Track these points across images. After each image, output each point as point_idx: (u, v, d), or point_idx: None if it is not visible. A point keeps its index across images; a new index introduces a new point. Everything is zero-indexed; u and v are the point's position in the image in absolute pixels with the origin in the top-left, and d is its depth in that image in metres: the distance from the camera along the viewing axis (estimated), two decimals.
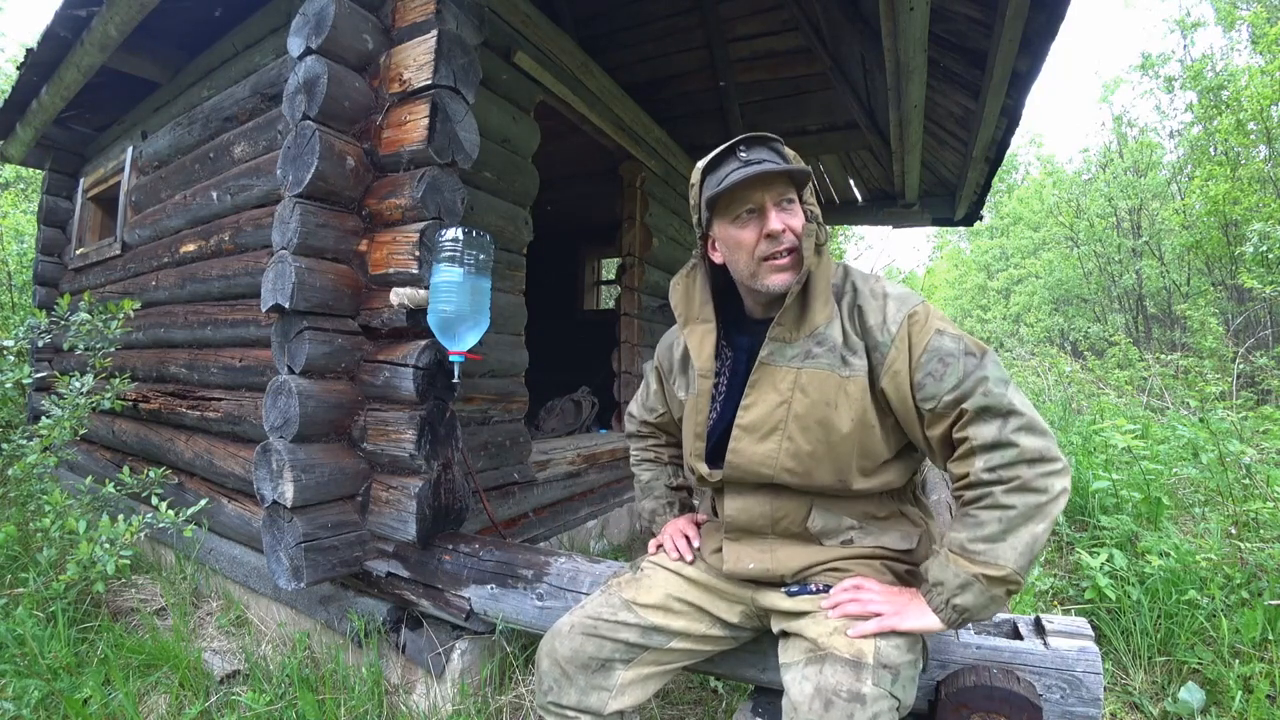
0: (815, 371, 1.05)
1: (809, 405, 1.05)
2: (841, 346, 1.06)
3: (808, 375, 1.05)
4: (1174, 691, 1.84)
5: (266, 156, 2.28)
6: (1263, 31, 9.60)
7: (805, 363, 1.06)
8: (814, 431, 1.04)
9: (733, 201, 1.07)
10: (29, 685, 1.60)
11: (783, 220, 1.05)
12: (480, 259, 1.70)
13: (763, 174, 1.02)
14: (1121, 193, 14.60)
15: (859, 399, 1.03)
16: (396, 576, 1.80)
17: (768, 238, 1.05)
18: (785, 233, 1.04)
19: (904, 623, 0.98)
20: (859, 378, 1.04)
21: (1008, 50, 2.29)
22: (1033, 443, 0.94)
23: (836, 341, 1.06)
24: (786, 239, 1.05)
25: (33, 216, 5.43)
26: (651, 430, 1.49)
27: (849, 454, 1.05)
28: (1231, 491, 2.67)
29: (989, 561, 0.93)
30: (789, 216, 1.06)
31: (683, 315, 1.21)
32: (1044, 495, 0.93)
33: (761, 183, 1.04)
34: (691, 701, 1.88)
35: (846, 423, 1.03)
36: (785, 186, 1.06)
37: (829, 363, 1.05)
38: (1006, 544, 0.93)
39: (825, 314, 1.07)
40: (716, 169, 1.08)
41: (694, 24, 4.02)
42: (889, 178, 4.38)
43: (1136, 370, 7.13)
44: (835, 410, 1.04)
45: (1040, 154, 21.29)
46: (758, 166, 1.02)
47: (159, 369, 2.82)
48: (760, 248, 1.06)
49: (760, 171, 1.01)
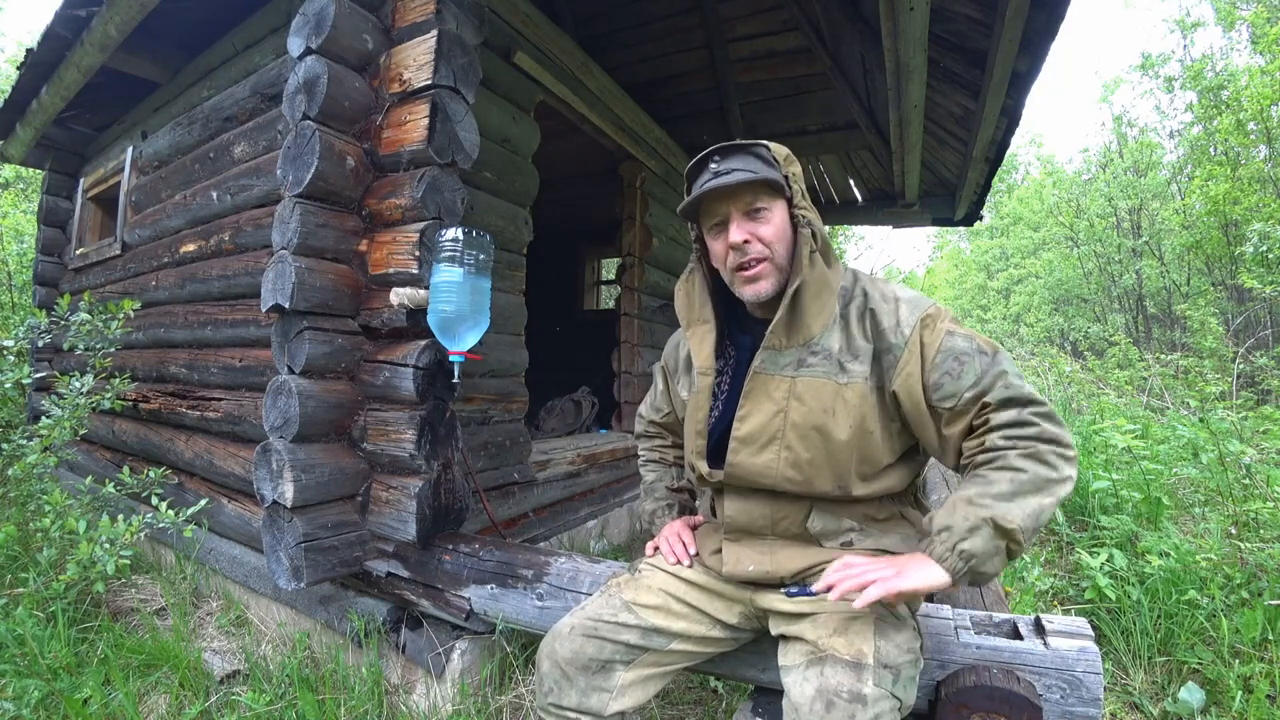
0: (811, 380, 1.05)
1: (806, 413, 1.04)
2: (840, 353, 1.06)
3: (803, 384, 1.05)
4: (1174, 691, 1.84)
5: (266, 156, 2.28)
6: (1263, 31, 9.60)
7: (800, 371, 1.06)
8: (812, 439, 1.04)
9: (704, 214, 1.10)
10: (29, 685, 1.60)
11: (746, 230, 1.05)
12: (480, 259, 1.70)
13: (724, 186, 1.02)
14: (1121, 193, 14.60)
15: (857, 405, 1.03)
16: (396, 576, 1.80)
17: (732, 249, 1.06)
18: (750, 243, 1.05)
19: (906, 581, 0.92)
20: (857, 384, 1.04)
21: (1008, 50, 2.29)
22: (1051, 427, 0.95)
23: (833, 349, 1.06)
24: (752, 249, 1.05)
25: (33, 216, 5.43)
26: (658, 430, 1.51)
27: (848, 461, 1.05)
28: (1231, 491, 2.67)
29: (999, 515, 0.91)
30: (757, 225, 1.06)
31: (685, 319, 1.22)
32: (1055, 472, 0.93)
33: (727, 194, 1.05)
34: (691, 701, 1.88)
35: (845, 430, 1.03)
36: (755, 195, 1.05)
37: (825, 370, 1.05)
38: (1015, 504, 0.92)
39: (821, 321, 1.07)
40: (694, 179, 1.10)
41: (694, 24, 4.02)
42: (889, 178, 4.38)
43: (1136, 370, 7.14)
44: (833, 418, 1.04)
45: (1040, 154, 21.30)
46: (725, 178, 1.03)
47: (159, 369, 2.82)
48: (730, 259, 1.08)
49: (719, 185, 1.02)
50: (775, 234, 1.06)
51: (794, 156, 1.11)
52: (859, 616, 1.01)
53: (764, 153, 1.08)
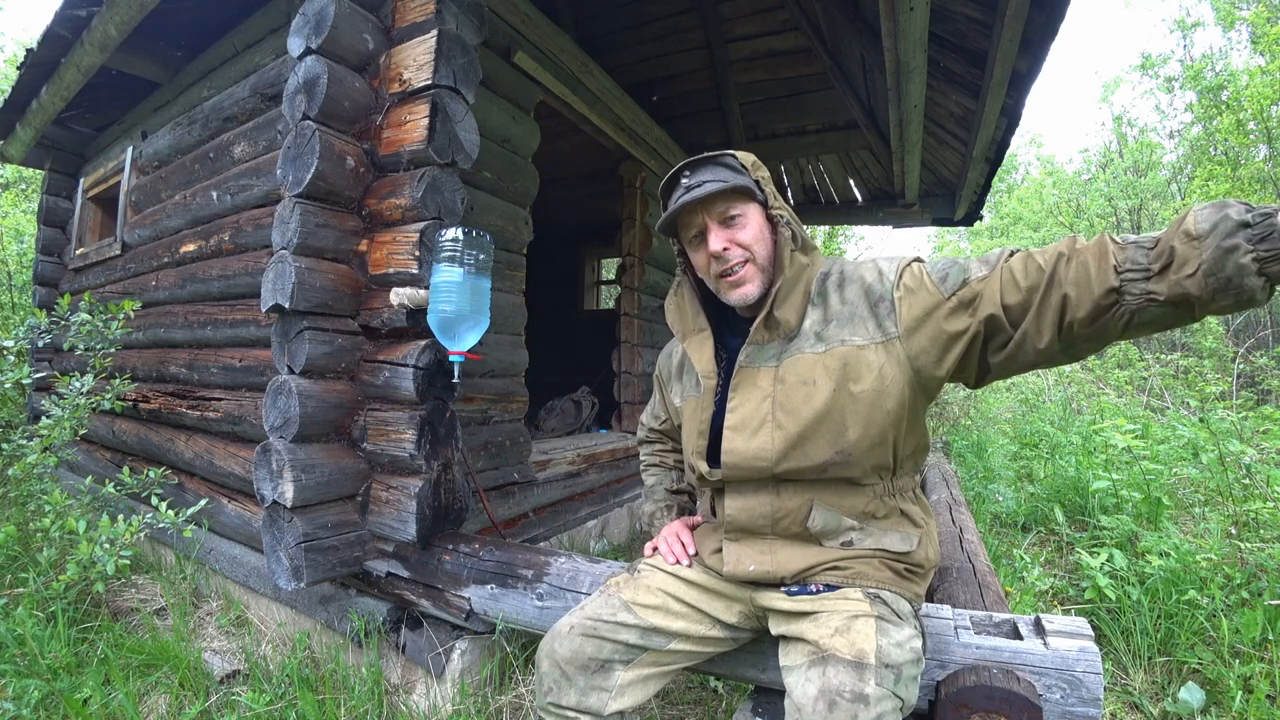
0: (791, 360, 1.10)
1: (788, 390, 1.08)
2: (815, 326, 1.10)
3: (785, 367, 1.10)
4: (1174, 691, 1.84)
5: (266, 156, 2.28)
6: (1263, 31, 9.60)
7: (781, 358, 1.11)
8: (800, 411, 1.07)
9: (681, 227, 1.15)
10: (29, 685, 1.60)
11: (725, 238, 1.09)
12: (480, 259, 1.70)
13: (698, 198, 1.06)
14: (1121, 193, 14.60)
15: (837, 369, 1.06)
16: (396, 576, 1.80)
17: (714, 258, 1.10)
18: (729, 249, 1.09)
19: None
20: (835, 349, 1.07)
21: (1008, 50, 2.29)
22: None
23: (808, 329, 1.11)
24: (733, 254, 1.10)
25: (33, 216, 5.43)
26: (658, 436, 1.56)
27: (840, 423, 1.06)
28: (1231, 491, 2.67)
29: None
30: (734, 231, 1.10)
31: (679, 331, 1.26)
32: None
33: (700, 206, 1.09)
34: (691, 701, 1.88)
35: (825, 392, 1.05)
36: (728, 203, 1.09)
37: (799, 347, 1.10)
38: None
39: (798, 313, 1.12)
40: (669, 195, 1.14)
41: (694, 24, 4.02)
42: (889, 178, 4.38)
43: (1136, 370, 7.13)
44: (813, 386, 1.07)
45: (1040, 154, 21.25)
46: (697, 190, 1.07)
47: (159, 369, 2.82)
48: (712, 267, 1.12)
49: (693, 197, 1.07)
50: (753, 237, 1.10)
51: (760, 162, 1.15)
52: (860, 616, 1.01)
53: (732, 161, 1.12)
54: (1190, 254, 0.81)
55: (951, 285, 1.01)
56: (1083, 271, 0.89)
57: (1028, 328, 0.94)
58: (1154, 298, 0.84)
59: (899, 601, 1.07)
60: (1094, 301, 0.87)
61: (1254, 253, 0.77)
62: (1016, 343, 0.96)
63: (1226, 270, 0.78)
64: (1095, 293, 0.87)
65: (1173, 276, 0.82)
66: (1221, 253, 0.78)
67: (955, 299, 1.00)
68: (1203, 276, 0.80)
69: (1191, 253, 0.80)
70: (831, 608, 1.04)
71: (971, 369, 1.03)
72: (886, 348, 1.05)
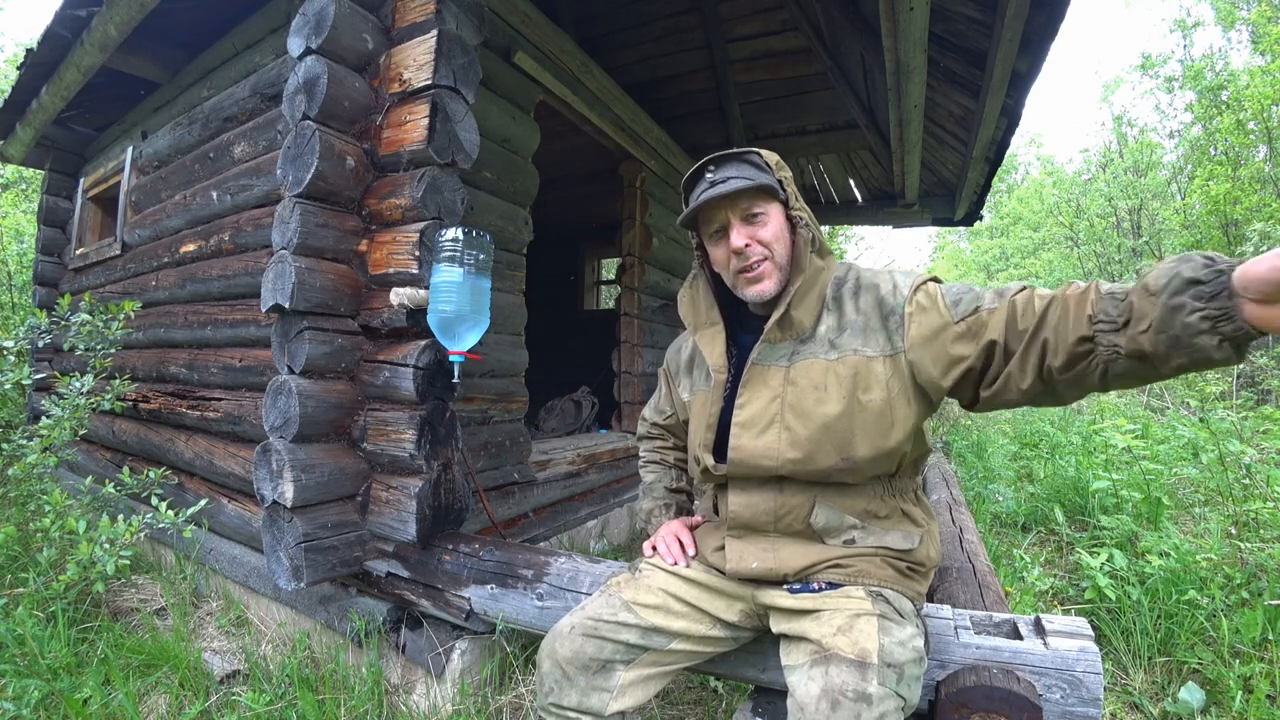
0: (804, 363, 1.10)
1: (799, 393, 1.09)
2: (829, 333, 1.11)
3: (797, 369, 1.11)
4: (1174, 691, 1.84)
5: (266, 156, 2.28)
6: (1263, 31, 9.60)
7: (794, 360, 1.11)
8: (811, 416, 1.07)
9: (703, 222, 1.16)
10: (29, 685, 1.60)
11: (746, 235, 1.10)
12: (480, 259, 1.70)
13: (723, 194, 1.07)
14: (1121, 193, 14.59)
15: (848, 378, 1.07)
16: (396, 576, 1.80)
17: (735, 254, 1.11)
18: (750, 246, 1.10)
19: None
20: (849, 358, 1.08)
21: (1008, 50, 2.29)
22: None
23: (822, 333, 1.12)
24: (753, 252, 1.10)
25: (33, 216, 5.43)
26: (660, 432, 1.55)
27: (847, 431, 1.07)
28: (1231, 491, 2.67)
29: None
30: (756, 229, 1.11)
31: (692, 324, 1.27)
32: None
33: (725, 202, 1.10)
34: (691, 701, 1.88)
35: (837, 402, 1.06)
36: (752, 200, 1.10)
37: (813, 351, 1.11)
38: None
39: (812, 315, 1.13)
40: (691, 189, 1.15)
41: (694, 24, 4.02)
42: (889, 178, 4.38)
43: None
44: (825, 392, 1.08)
45: (1040, 154, 21.27)
46: (722, 186, 1.07)
47: (159, 369, 2.82)
48: (732, 263, 1.13)
49: (718, 193, 1.07)
50: (773, 235, 1.11)
51: (784, 162, 1.17)
52: (863, 614, 1.01)
53: (757, 159, 1.13)
54: (1147, 309, 0.78)
55: (963, 310, 1.01)
56: (1064, 318, 0.89)
57: (1013, 368, 0.94)
58: (1118, 350, 0.82)
59: (901, 600, 1.07)
60: (1069, 349, 0.87)
61: (1202, 311, 0.74)
62: (1003, 381, 0.96)
63: (1174, 329, 0.76)
64: (1069, 340, 0.87)
65: (1130, 331, 0.80)
66: (1168, 311, 0.76)
67: (964, 324, 1.00)
68: (1153, 334, 0.78)
69: (1148, 308, 0.78)
70: (834, 606, 1.05)
71: (966, 395, 1.04)
72: (894, 361, 1.07)
